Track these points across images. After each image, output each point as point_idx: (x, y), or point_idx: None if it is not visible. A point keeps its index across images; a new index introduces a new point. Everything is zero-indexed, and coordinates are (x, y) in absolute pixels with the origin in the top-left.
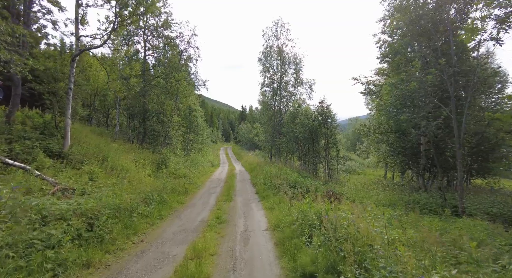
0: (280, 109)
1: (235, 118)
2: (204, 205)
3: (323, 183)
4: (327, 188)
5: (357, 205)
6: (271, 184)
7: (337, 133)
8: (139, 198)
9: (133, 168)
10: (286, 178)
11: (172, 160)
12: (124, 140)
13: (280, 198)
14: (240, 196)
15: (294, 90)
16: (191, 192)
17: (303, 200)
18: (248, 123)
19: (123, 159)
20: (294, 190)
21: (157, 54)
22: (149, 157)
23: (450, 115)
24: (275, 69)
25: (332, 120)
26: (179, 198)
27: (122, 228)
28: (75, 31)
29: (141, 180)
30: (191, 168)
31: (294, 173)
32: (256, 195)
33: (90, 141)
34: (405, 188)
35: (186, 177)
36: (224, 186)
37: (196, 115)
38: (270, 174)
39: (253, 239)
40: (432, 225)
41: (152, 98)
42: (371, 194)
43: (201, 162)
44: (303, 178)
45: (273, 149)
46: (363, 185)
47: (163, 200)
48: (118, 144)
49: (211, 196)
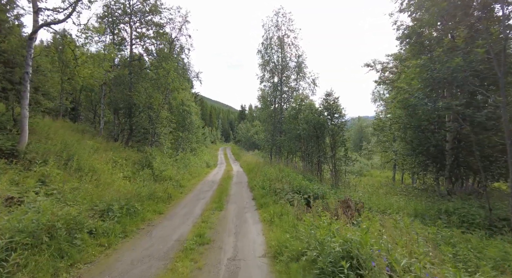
0: (281, 106)
1: (235, 119)
2: (187, 216)
3: (331, 187)
4: (338, 194)
5: (385, 218)
6: (271, 188)
7: (346, 130)
8: (99, 209)
9: (106, 169)
10: (288, 181)
11: (157, 160)
12: (108, 138)
13: (282, 207)
14: (234, 203)
15: (296, 86)
16: (175, 197)
17: (310, 212)
18: (247, 122)
19: (98, 158)
20: (298, 197)
21: (145, 43)
22: (131, 156)
23: (495, 103)
24: (276, 62)
25: (340, 115)
26: (158, 206)
27: (49, 260)
28: (33, 4)
29: (112, 184)
30: (181, 169)
31: (298, 175)
32: (253, 201)
33: (58, 137)
34: (424, 193)
35: (172, 179)
36: (217, 189)
37: (190, 112)
38: (269, 176)
39: (244, 273)
40: (498, 253)
41: (139, 92)
42: (390, 201)
43: (194, 163)
44: (308, 181)
45: (273, 148)
46: (374, 189)
47: (133, 210)
48: (98, 141)
49: (199, 203)
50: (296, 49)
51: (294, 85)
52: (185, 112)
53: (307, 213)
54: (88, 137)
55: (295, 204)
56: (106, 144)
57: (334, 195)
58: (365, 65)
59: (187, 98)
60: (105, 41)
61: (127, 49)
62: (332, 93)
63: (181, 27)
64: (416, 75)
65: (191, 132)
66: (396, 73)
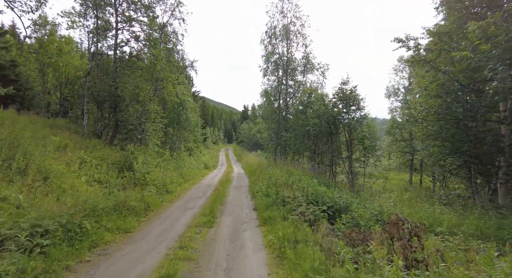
0: (286, 101)
1: (238, 119)
2: (162, 237)
3: (352, 194)
4: (365, 204)
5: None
6: (278, 196)
7: (365, 125)
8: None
9: (66, 172)
10: (301, 187)
11: (140, 160)
12: (91, 135)
13: (295, 226)
14: (230, 215)
15: (303, 79)
16: (156, 207)
17: (336, 235)
18: (250, 122)
19: (61, 157)
20: (316, 209)
21: (132, 28)
22: (110, 156)
23: None
24: (280, 53)
25: (358, 107)
26: (127, 221)
27: None
28: None
29: (69, 191)
30: (171, 172)
31: (312, 179)
32: (255, 213)
33: (9, 132)
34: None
35: (158, 183)
36: (212, 196)
37: (185, 107)
38: (275, 180)
39: None
40: None
41: (125, 82)
42: (434, 214)
43: (189, 164)
44: (325, 186)
45: (277, 148)
46: (397, 194)
47: (80, 230)
48: (68, 138)
49: (184, 215)
50: (303, 38)
51: (301, 78)
52: (180, 108)
53: (335, 238)
54: (63, 134)
55: (310, 218)
56: (81, 141)
57: (360, 206)
58: (395, 40)
59: (182, 92)
60: (89, 27)
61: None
62: (348, 82)
63: (173, 9)
64: (483, 36)
65: (186, 130)
66: (434, 51)
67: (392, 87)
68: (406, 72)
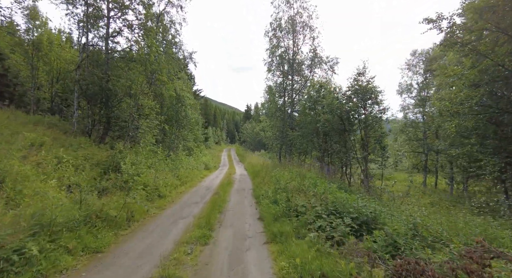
0: (292, 98)
1: (240, 119)
2: (142, 259)
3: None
4: (394, 213)
5: None
6: (289, 204)
7: (383, 121)
8: None
9: (33, 173)
10: (317, 193)
11: (128, 160)
12: (80, 133)
13: (318, 248)
14: (230, 227)
15: (309, 73)
16: (142, 216)
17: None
18: (253, 121)
19: (32, 157)
20: (340, 223)
21: (125, 15)
22: (96, 155)
23: None
24: (286, 46)
25: (376, 101)
26: (100, 237)
27: None
28: None
29: (33, 198)
30: (166, 173)
31: (331, 184)
32: (260, 223)
33: None
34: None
35: (148, 187)
36: (210, 201)
37: (184, 103)
38: (284, 183)
39: None
40: None
41: (117, 76)
42: (494, 231)
43: (188, 164)
44: (347, 193)
45: (283, 148)
46: (418, 199)
47: (20, 258)
48: (48, 135)
49: (175, 227)
50: (311, 30)
51: (308, 73)
52: (179, 105)
53: (381, 270)
54: (44, 131)
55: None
56: (64, 139)
57: (392, 217)
58: (424, 21)
59: (181, 88)
60: (79, 15)
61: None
62: (365, 72)
63: None
64: None
65: (186, 129)
66: (474, 31)
67: (405, 83)
68: (420, 67)
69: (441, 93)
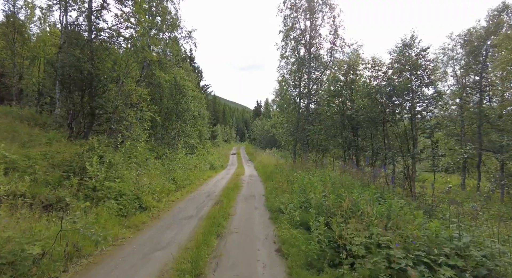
0: (309, 88)
1: (250, 117)
2: None
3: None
4: None
5: None
6: (331, 236)
7: (440, 107)
8: None
9: None
10: (383, 216)
11: (95, 159)
12: (58, 126)
13: None
14: (231, 270)
15: (329, 58)
16: (95, 249)
17: None
18: (263, 118)
19: None
20: None
21: None
22: (64, 152)
23: None
24: (302, 28)
25: (429, 81)
26: None
27: None
28: None
29: None
30: (157, 176)
31: (395, 196)
32: (281, 263)
33: None
34: None
35: (123, 197)
36: (208, 216)
37: (185, 93)
38: (317, 196)
39: None
40: None
41: (101, 58)
42: None
43: (188, 165)
44: (425, 213)
45: (297, 145)
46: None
47: None
48: (5, 129)
49: (142, 269)
50: (331, 9)
51: (327, 59)
52: (179, 96)
53: None
54: (7, 124)
55: None
56: (29, 133)
57: None
58: None
59: (182, 76)
60: None
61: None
62: (414, 43)
63: None
64: None
65: (189, 124)
66: None
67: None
68: (457, 52)
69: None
